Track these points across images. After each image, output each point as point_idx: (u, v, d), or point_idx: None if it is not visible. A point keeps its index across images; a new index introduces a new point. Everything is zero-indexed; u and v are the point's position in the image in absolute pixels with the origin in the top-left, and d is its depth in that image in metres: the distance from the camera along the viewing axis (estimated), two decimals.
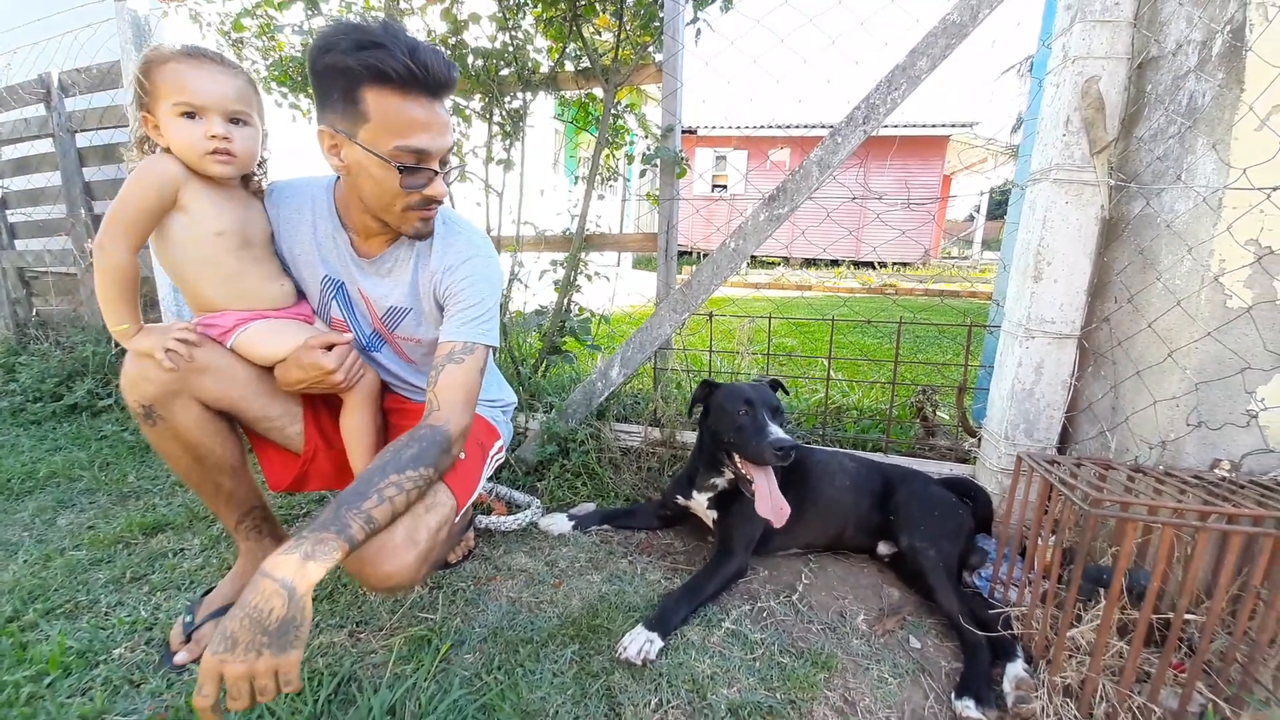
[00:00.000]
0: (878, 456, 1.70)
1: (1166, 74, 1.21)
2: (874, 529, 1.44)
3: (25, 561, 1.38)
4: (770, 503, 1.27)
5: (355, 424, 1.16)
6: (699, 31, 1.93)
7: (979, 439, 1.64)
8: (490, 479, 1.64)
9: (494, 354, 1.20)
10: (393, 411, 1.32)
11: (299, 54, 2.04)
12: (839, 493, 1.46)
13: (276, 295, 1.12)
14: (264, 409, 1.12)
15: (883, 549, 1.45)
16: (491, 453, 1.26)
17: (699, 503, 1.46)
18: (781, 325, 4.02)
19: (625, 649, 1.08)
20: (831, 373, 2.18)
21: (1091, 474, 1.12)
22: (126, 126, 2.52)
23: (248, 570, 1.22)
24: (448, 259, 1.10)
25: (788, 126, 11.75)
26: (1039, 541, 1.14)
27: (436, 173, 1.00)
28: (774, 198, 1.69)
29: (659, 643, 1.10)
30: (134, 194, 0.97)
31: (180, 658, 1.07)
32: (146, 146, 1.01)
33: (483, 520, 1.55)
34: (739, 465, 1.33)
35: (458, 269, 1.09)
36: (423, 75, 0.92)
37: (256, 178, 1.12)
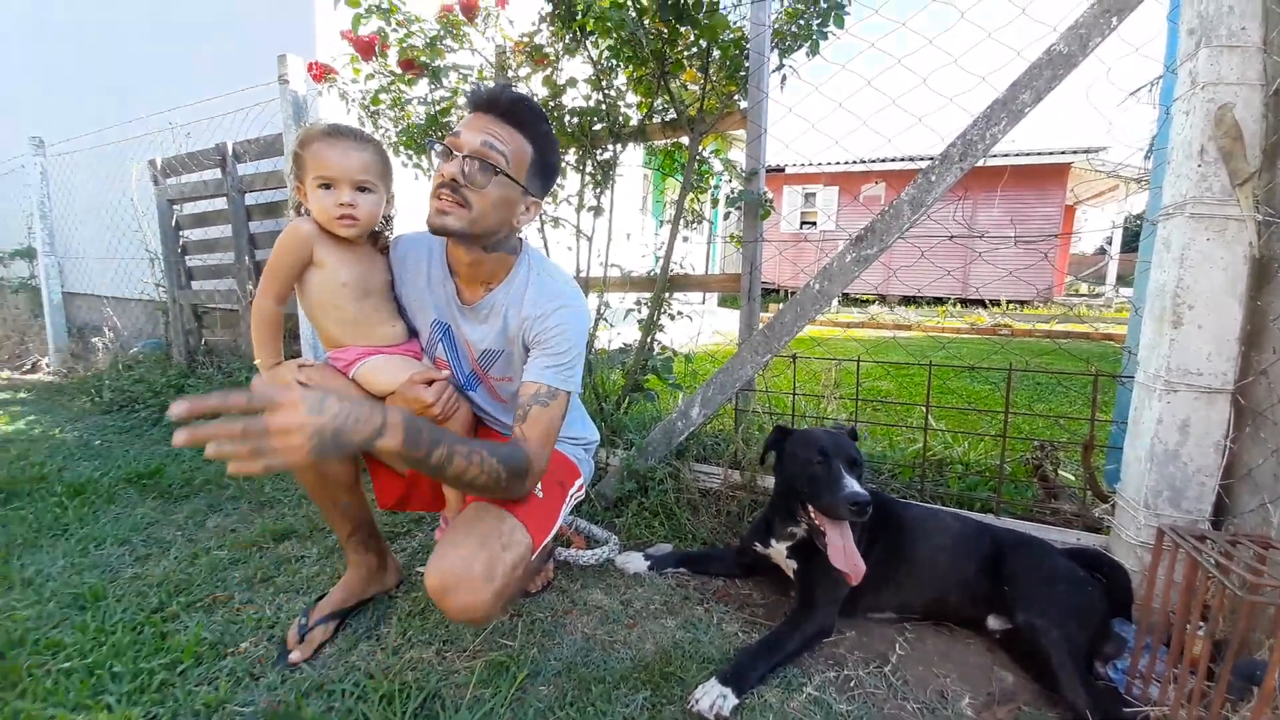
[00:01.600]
0: (988, 518, 1.55)
1: None
2: (982, 599, 1.30)
3: (175, 558, 1.59)
4: (845, 556, 1.20)
5: None
6: (784, 78, 1.97)
7: (1112, 505, 1.45)
8: (571, 512, 1.69)
9: (576, 395, 1.25)
10: None
11: (423, 121, 2.31)
12: (938, 552, 1.34)
13: (390, 335, 1.26)
14: None
15: (994, 623, 1.30)
16: (571, 491, 1.31)
17: (778, 551, 1.41)
18: (874, 369, 3.82)
19: (697, 702, 1.05)
20: (932, 421, 2.03)
21: (1249, 554, 0.96)
22: (285, 188, 2.98)
23: (354, 580, 1.34)
24: (539, 306, 1.17)
25: (882, 161, 11.39)
26: (1185, 630, 0.98)
27: (457, 156, 1.05)
28: (861, 238, 1.65)
29: (733, 699, 1.06)
30: (276, 254, 1.17)
31: (294, 657, 1.19)
32: (301, 211, 1.20)
33: (561, 553, 1.58)
34: (813, 517, 1.27)
35: (549, 317, 1.15)
36: (485, 96, 1.09)
37: (385, 234, 1.28)
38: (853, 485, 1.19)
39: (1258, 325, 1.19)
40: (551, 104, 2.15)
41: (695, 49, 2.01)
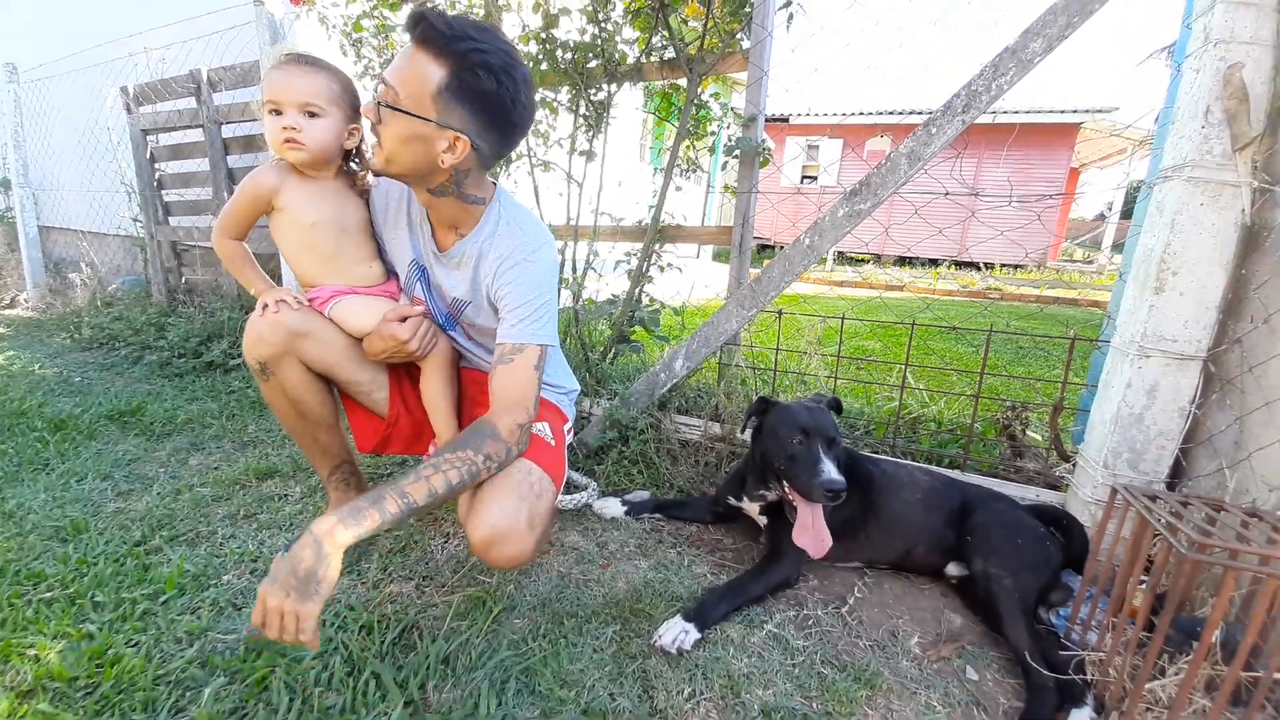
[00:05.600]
0: (954, 473, 1.60)
1: None
2: (946, 549, 1.36)
3: (158, 494, 1.61)
4: (811, 534, 1.23)
5: (433, 388, 1.28)
6: (791, 16, 1.87)
7: (1073, 465, 1.49)
8: None
9: (552, 348, 1.21)
10: (470, 383, 1.41)
11: None
12: (908, 507, 1.38)
13: (366, 275, 1.24)
14: (355, 374, 1.25)
15: (952, 570, 1.36)
16: (567, 438, 1.34)
17: (750, 508, 1.45)
18: (861, 328, 3.83)
19: (661, 636, 1.10)
20: (911, 381, 2.06)
21: (1200, 515, 0.99)
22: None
23: None
24: (499, 263, 1.13)
25: (889, 113, 11.05)
26: (1130, 584, 1.03)
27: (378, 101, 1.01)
28: (856, 192, 1.62)
29: (694, 634, 1.11)
30: (236, 200, 1.16)
31: None
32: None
33: None
34: (786, 491, 1.29)
35: (505, 274, 1.12)
36: (405, 22, 0.99)
37: (362, 175, 1.23)
38: (830, 471, 1.19)
39: (1239, 294, 1.19)
40: (544, 36, 2.04)
41: None
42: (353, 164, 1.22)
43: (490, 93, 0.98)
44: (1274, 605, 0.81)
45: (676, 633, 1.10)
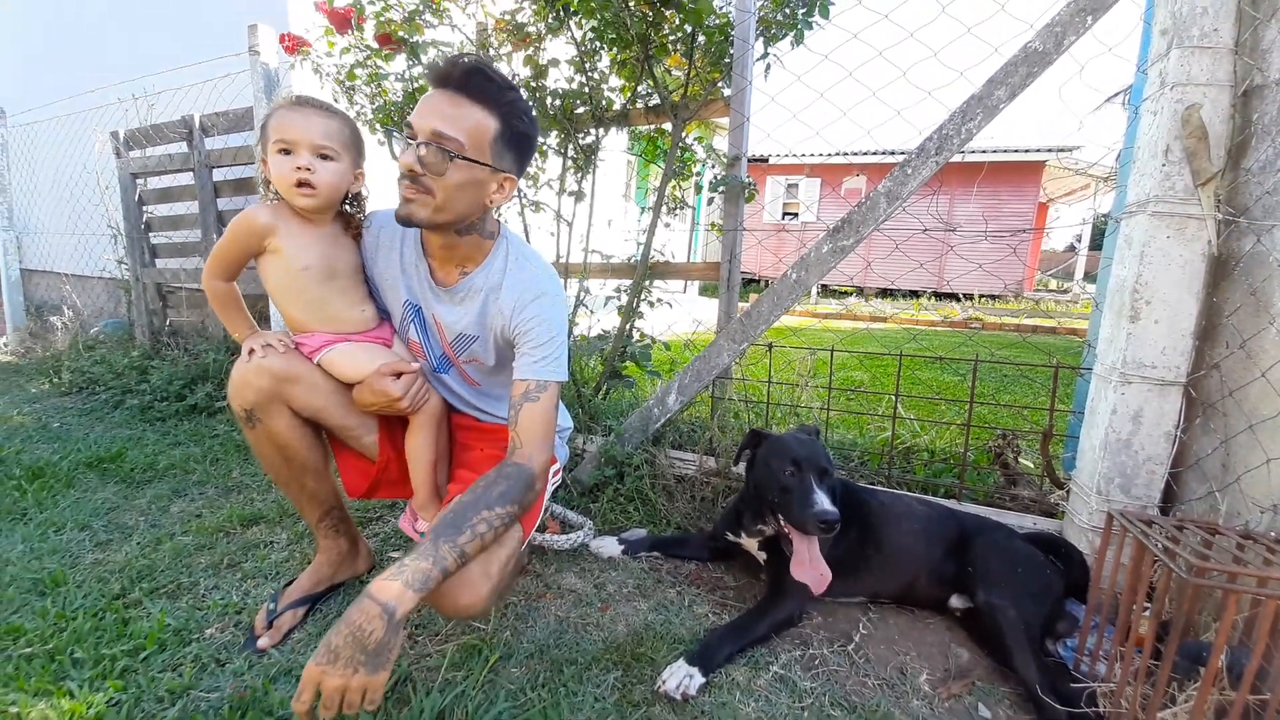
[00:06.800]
0: (951, 503, 1.60)
1: (1272, 104, 1.11)
2: (947, 581, 1.34)
3: (138, 544, 1.55)
4: (809, 569, 1.21)
5: (417, 443, 1.26)
6: (769, 67, 1.96)
7: (1067, 492, 1.51)
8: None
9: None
10: (460, 429, 1.40)
11: (400, 99, 2.25)
12: (907, 538, 1.37)
13: (358, 320, 1.23)
14: (344, 419, 1.23)
15: (956, 603, 1.34)
16: (551, 480, 1.31)
17: (749, 543, 1.43)
18: (850, 359, 3.89)
19: (664, 682, 1.07)
20: (902, 411, 2.08)
21: (1196, 539, 1.00)
22: (255, 163, 2.88)
23: (324, 565, 1.33)
24: (518, 298, 1.15)
25: (863, 154, 11.48)
26: (1133, 611, 1.03)
27: (412, 144, 1.01)
28: (839, 229, 1.67)
29: (699, 679, 1.08)
30: (227, 240, 1.14)
31: (262, 643, 1.17)
32: (268, 188, 1.16)
33: (537, 537, 1.59)
34: (782, 524, 1.28)
35: (526, 308, 1.14)
36: (441, 70, 1.03)
37: (358, 217, 1.24)
38: (823, 502, 1.18)
39: (1212, 321, 1.23)
40: (534, 85, 2.11)
41: (680, 33, 1.99)
42: (347, 208, 1.22)
43: (528, 136, 1.11)
44: (1276, 627, 0.82)
45: (681, 677, 1.07)
